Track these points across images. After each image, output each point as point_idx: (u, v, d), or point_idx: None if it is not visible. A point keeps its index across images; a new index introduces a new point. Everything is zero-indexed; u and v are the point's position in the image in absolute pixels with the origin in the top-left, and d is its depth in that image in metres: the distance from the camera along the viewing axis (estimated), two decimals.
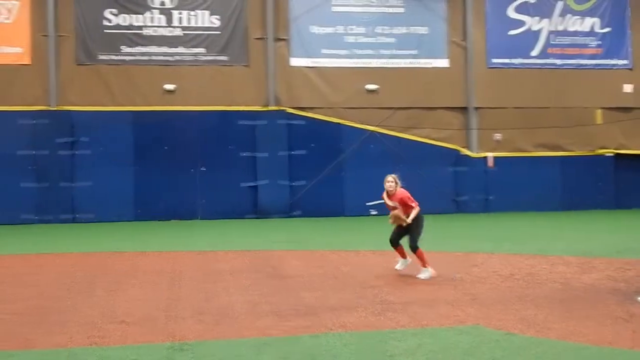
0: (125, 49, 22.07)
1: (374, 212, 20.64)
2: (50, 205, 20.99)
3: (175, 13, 22.32)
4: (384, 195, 10.67)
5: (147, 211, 21.38)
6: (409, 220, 10.35)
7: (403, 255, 10.80)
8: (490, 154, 23.58)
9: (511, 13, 24.10)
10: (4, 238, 17.56)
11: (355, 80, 22.96)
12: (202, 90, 22.10)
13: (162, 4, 22.26)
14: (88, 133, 21.38)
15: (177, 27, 22.33)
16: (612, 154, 24.09)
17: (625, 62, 24.61)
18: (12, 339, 6.90)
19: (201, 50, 22.37)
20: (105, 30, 21.97)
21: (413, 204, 10.42)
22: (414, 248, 10.43)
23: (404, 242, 10.69)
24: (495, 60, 23.99)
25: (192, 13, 22.41)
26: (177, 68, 22.24)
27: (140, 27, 22.17)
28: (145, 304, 8.59)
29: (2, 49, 21.51)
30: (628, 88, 24.53)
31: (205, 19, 22.43)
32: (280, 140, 22.16)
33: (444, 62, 23.66)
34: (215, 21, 22.45)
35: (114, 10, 22.04)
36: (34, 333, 7.15)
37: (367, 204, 22.30)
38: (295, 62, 22.84)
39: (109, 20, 22.01)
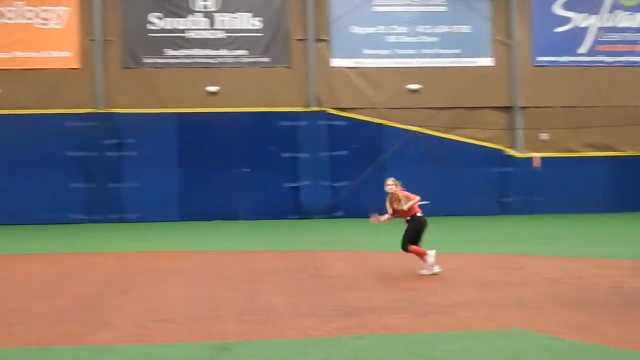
0: (169, 52, 22.36)
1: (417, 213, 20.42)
2: (98, 206, 21.40)
3: (217, 16, 22.53)
4: (387, 201, 11.09)
5: (191, 211, 21.62)
6: (406, 207, 10.70)
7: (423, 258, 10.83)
8: (536, 154, 23.18)
9: (557, 10, 23.68)
10: (54, 237, 17.95)
11: (397, 80, 22.83)
12: (244, 91, 22.25)
13: (205, 7, 22.49)
14: (134, 135, 21.74)
15: (220, 29, 22.54)
16: None
17: None
18: (59, 335, 7.02)
19: (243, 52, 22.53)
20: (149, 34, 22.30)
21: (412, 196, 10.85)
22: (405, 248, 10.78)
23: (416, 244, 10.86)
24: (540, 58, 23.60)
25: (234, 16, 22.59)
26: (220, 70, 22.45)
27: (183, 31, 22.44)
28: (188, 303, 8.66)
29: (52, 54, 22.03)
30: None
31: (247, 22, 22.59)
32: (321, 141, 22.18)
33: (487, 61, 23.37)
34: (257, 23, 22.58)
35: (159, 14, 22.36)
36: (80, 330, 7.26)
37: None
38: (336, 62, 22.83)
39: (154, 24, 22.33)
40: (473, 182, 21.95)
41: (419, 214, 10.86)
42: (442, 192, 22.04)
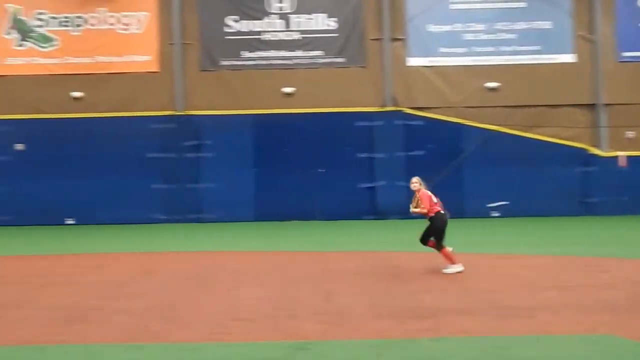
0: (245, 54, 22.67)
1: (495, 214, 20.09)
2: (177, 206, 21.91)
3: (293, 17, 22.69)
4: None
5: (266, 212, 21.84)
6: (416, 210, 11.14)
7: (451, 260, 11.02)
8: (622, 153, 22.30)
9: None
10: (135, 236, 18.49)
11: (475, 78, 22.42)
12: (319, 92, 22.32)
13: (281, 9, 22.69)
14: (211, 136, 22.15)
15: (295, 31, 22.69)
16: None
17: None
18: (142, 333, 7.21)
19: (318, 53, 22.62)
20: (226, 37, 22.66)
21: (423, 204, 11.09)
22: (423, 243, 11.19)
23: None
24: (626, 54, 22.70)
25: (310, 17, 22.69)
26: (295, 71, 22.59)
27: (259, 33, 22.70)
28: (266, 302, 8.74)
29: (133, 58, 22.68)
30: None
31: (322, 22, 22.66)
32: (397, 141, 22.02)
33: (569, 57, 22.65)
34: (332, 24, 22.63)
35: (235, 17, 22.70)
36: (162, 327, 7.44)
37: (489, 205, 21.90)
38: (412, 61, 22.61)
39: (230, 27, 22.69)
40: (555, 182, 21.33)
41: (441, 212, 11.08)
42: (523, 192, 21.57)
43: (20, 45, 22.68)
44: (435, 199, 11.23)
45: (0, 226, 21.55)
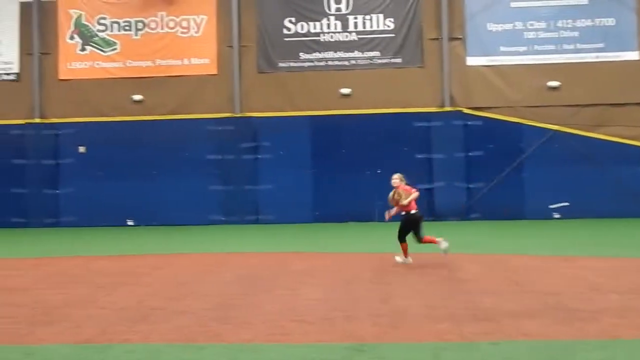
0: (303, 55, 22.77)
1: (557, 216, 19.65)
2: (235, 207, 22.16)
3: (350, 18, 22.68)
4: (390, 195, 12.37)
5: (324, 213, 21.88)
6: (406, 202, 12.04)
7: (405, 254, 12.21)
8: None
9: None
10: (194, 237, 18.77)
11: (536, 77, 21.98)
12: (377, 93, 22.25)
13: (338, 10, 22.71)
14: (269, 138, 22.32)
15: (353, 31, 22.67)
16: None
17: None
18: (204, 333, 7.30)
19: (376, 53, 22.55)
20: (284, 39, 22.81)
21: (412, 190, 12.25)
22: (419, 241, 12.25)
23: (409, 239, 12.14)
24: None
25: (367, 17, 22.65)
26: (353, 72, 22.57)
27: (317, 34, 22.77)
28: (323, 304, 8.74)
29: (192, 61, 23.05)
30: None
31: (379, 23, 22.58)
32: (456, 142, 21.77)
33: (634, 55, 21.98)
34: (390, 24, 22.53)
35: (293, 19, 22.83)
36: (222, 327, 7.52)
37: (551, 206, 21.42)
38: (471, 61, 22.32)
39: (288, 29, 22.83)
40: (619, 183, 20.73)
41: (413, 211, 12.10)
42: (585, 193, 21.05)
43: (83, 50, 23.34)
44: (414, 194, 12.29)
45: (65, 227, 22.29)
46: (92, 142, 22.79)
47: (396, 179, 12.48)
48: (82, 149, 22.86)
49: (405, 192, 12.15)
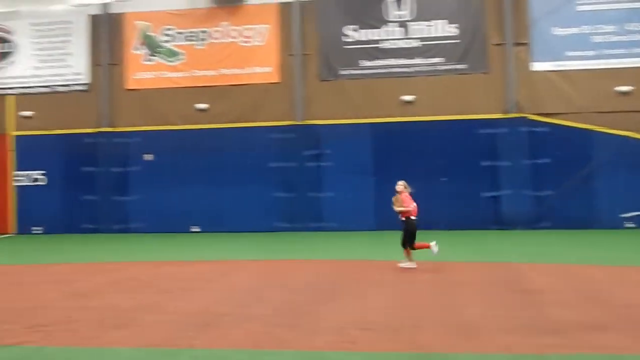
0: (364, 63, 22.74)
1: (630, 225, 19.01)
2: (298, 214, 22.25)
3: (412, 25, 22.54)
4: (394, 198, 13.06)
5: (387, 221, 21.66)
6: (397, 209, 12.91)
7: (409, 258, 12.79)
8: None
9: None
10: (258, 244, 18.90)
11: (605, 82, 21.35)
12: (440, 99, 22.02)
13: (400, 17, 22.61)
14: (331, 145, 22.34)
15: (415, 38, 22.52)
16: None
17: None
18: (270, 339, 7.34)
19: (439, 60, 22.33)
20: (345, 47, 22.84)
21: (408, 204, 12.91)
22: (404, 245, 12.93)
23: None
24: None
25: (429, 24, 22.46)
26: (415, 79, 22.40)
27: (378, 41, 22.71)
28: (391, 312, 8.68)
29: (255, 69, 23.32)
30: None
31: (442, 29, 22.37)
32: (522, 149, 21.33)
33: None
34: (453, 30, 22.28)
35: (354, 27, 22.84)
36: (289, 334, 7.54)
37: (622, 215, 20.73)
38: (537, 66, 21.86)
39: (349, 37, 22.85)
40: None
41: (413, 217, 12.83)
42: None
43: (149, 60, 23.90)
44: (413, 205, 12.99)
45: (133, 233, 22.82)
46: (158, 150, 23.29)
47: (400, 185, 13.09)
48: (148, 157, 23.37)
49: (401, 201, 12.75)
